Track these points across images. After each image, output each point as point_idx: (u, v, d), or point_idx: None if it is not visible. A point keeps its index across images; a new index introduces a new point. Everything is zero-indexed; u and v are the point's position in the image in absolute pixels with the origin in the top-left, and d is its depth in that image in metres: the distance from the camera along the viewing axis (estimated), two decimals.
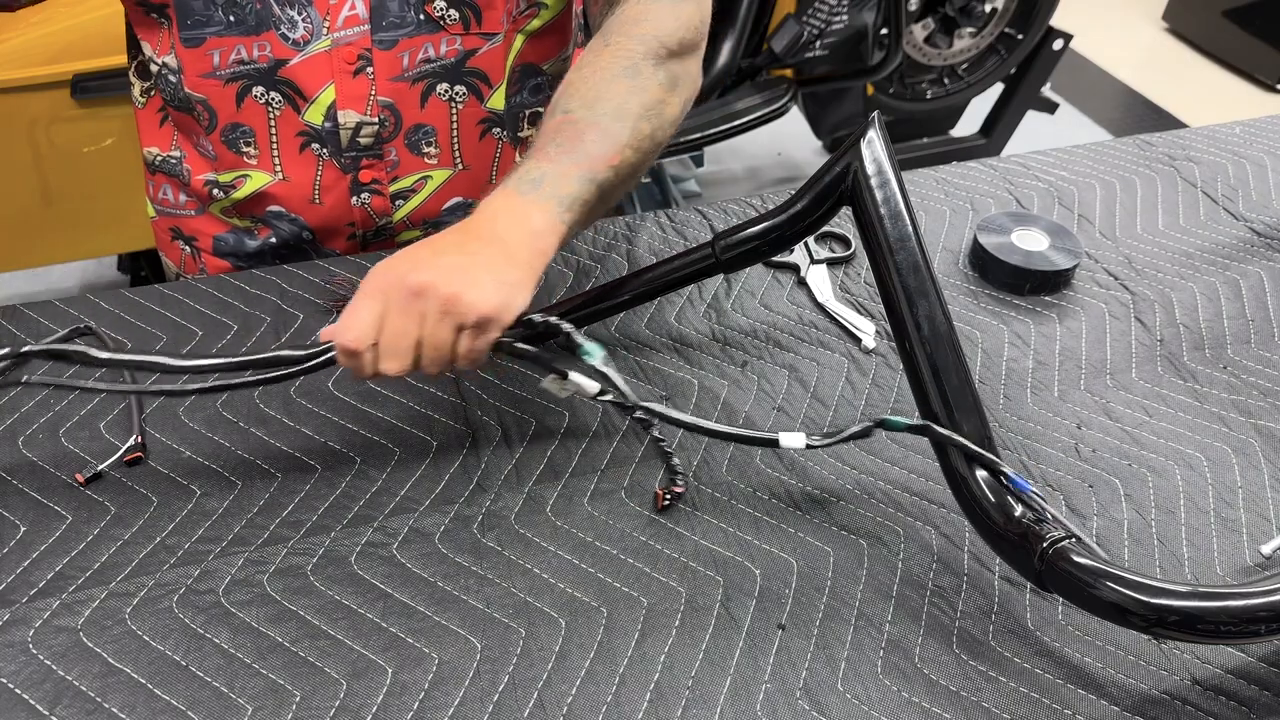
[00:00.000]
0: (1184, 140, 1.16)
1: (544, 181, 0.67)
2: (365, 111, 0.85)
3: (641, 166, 0.74)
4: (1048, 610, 0.63)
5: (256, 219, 0.93)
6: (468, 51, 0.86)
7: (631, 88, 0.73)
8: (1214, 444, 0.76)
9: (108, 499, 0.68)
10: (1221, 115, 1.50)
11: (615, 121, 0.71)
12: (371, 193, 0.90)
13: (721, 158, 2.66)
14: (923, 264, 0.65)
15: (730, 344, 0.84)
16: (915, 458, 0.74)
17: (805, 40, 1.99)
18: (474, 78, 0.88)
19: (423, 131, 0.89)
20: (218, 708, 0.56)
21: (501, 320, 0.63)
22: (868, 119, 0.68)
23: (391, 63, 0.84)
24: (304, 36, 0.81)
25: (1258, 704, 0.59)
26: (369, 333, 0.62)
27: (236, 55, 0.82)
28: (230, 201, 0.91)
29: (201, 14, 0.79)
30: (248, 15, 0.79)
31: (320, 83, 0.83)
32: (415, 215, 0.94)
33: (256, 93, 0.84)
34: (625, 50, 0.75)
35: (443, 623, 0.61)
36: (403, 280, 0.62)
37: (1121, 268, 0.95)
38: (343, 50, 0.82)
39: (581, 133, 0.70)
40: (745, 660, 0.60)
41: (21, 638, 0.59)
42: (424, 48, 0.84)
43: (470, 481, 0.70)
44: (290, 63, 0.82)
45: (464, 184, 0.94)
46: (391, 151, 0.89)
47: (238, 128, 0.86)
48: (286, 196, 0.90)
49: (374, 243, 0.95)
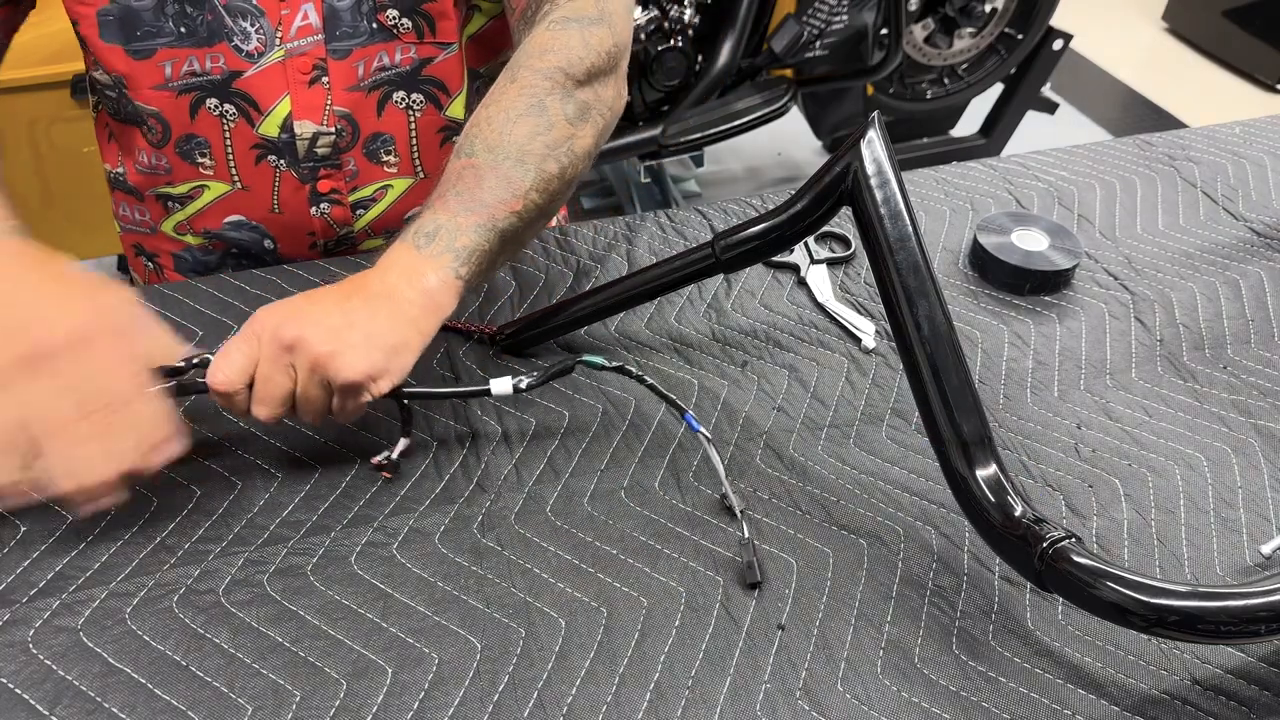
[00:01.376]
0: (1184, 140, 1.16)
1: (439, 234, 0.67)
2: (322, 122, 0.84)
3: (551, 206, 0.73)
4: (1048, 610, 0.64)
5: (211, 234, 0.91)
6: (423, 60, 0.85)
7: (536, 126, 0.72)
8: (1214, 444, 0.76)
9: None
10: (1221, 115, 1.50)
11: (517, 166, 0.70)
12: (331, 202, 0.90)
13: (721, 158, 2.66)
14: (923, 264, 0.65)
15: (730, 344, 0.84)
16: (915, 458, 0.74)
17: (805, 40, 1.99)
18: (431, 86, 0.87)
19: (381, 140, 0.88)
20: (218, 708, 0.56)
21: (372, 388, 0.63)
22: (868, 119, 0.68)
23: (347, 72, 0.83)
24: (257, 48, 0.80)
25: (1258, 704, 0.59)
26: (239, 377, 0.62)
27: (189, 66, 0.81)
28: (186, 215, 0.90)
29: (151, 25, 0.78)
30: (199, 26, 0.78)
31: (276, 94, 0.83)
32: (377, 224, 0.93)
33: (210, 104, 0.83)
34: (530, 86, 0.73)
35: (443, 623, 0.61)
36: (276, 331, 0.61)
37: (1121, 268, 0.95)
38: (297, 61, 0.81)
39: (481, 179, 0.69)
40: (745, 660, 0.60)
41: (21, 637, 0.59)
42: (379, 56, 0.83)
43: (470, 481, 0.70)
44: (245, 74, 0.81)
45: (425, 192, 0.93)
46: (350, 161, 0.88)
47: (192, 139, 0.85)
48: (247, 206, 0.89)
49: (337, 251, 0.95)
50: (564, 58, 0.75)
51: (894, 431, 0.76)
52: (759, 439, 0.75)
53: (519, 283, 0.89)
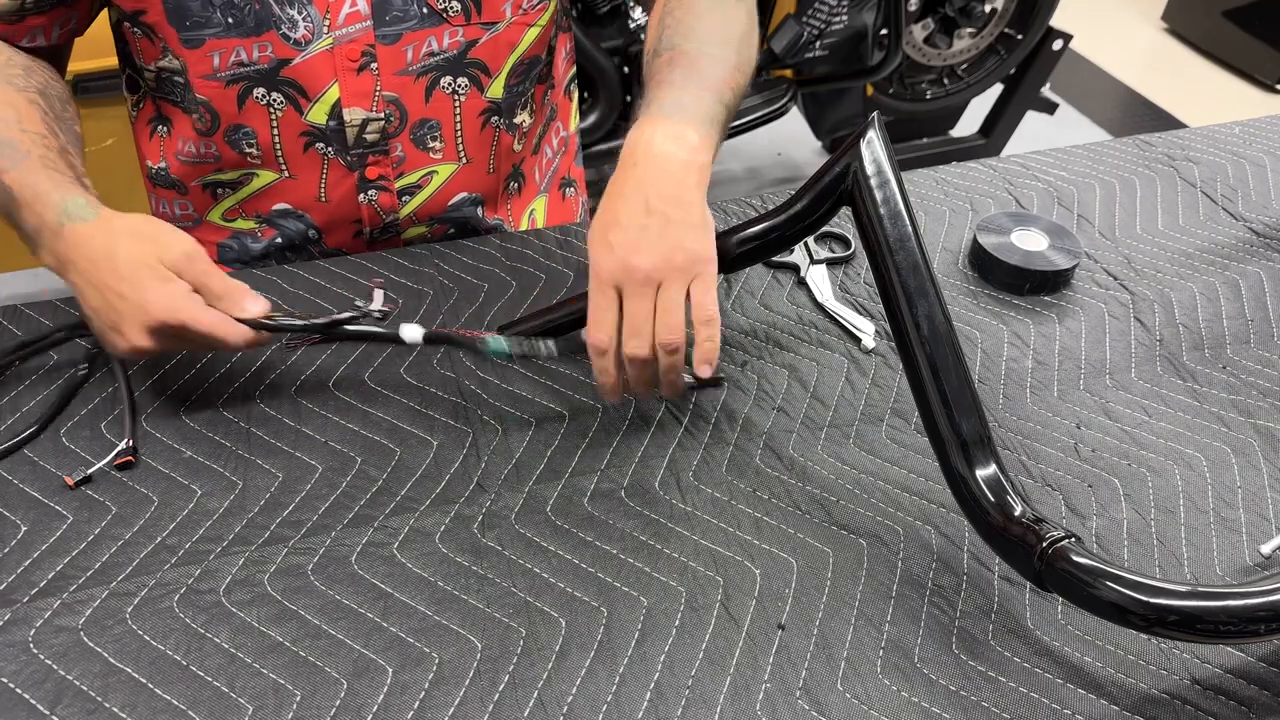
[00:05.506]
0: (1183, 140, 1.16)
1: (684, 104, 0.70)
2: (371, 108, 0.85)
3: (747, 91, 0.78)
4: (1047, 610, 0.64)
5: (262, 218, 0.92)
6: (469, 42, 0.86)
7: (724, 20, 0.78)
8: (1213, 444, 0.76)
9: (108, 499, 0.68)
10: (1221, 115, 1.50)
11: (721, 49, 0.76)
12: (378, 189, 0.90)
13: (721, 158, 2.64)
14: (922, 264, 0.65)
15: (730, 344, 0.84)
16: (915, 458, 0.74)
17: (805, 40, 1.99)
18: (475, 69, 0.88)
19: (428, 126, 0.89)
20: (218, 707, 0.56)
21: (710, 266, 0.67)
22: (867, 119, 0.68)
23: (396, 57, 0.84)
24: (305, 36, 0.81)
25: (1258, 704, 0.59)
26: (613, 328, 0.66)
27: (236, 57, 0.81)
28: (235, 200, 0.91)
29: (199, 15, 0.79)
30: (246, 16, 0.79)
31: (324, 82, 0.83)
32: (421, 211, 0.94)
33: (257, 94, 0.83)
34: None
35: (443, 622, 0.61)
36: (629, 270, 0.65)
37: (1121, 268, 0.95)
38: (345, 48, 0.82)
39: (695, 62, 0.74)
40: (745, 660, 0.60)
41: (22, 637, 0.59)
42: (427, 41, 0.84)
43: (470, 481, 0.70)
44: (293, 62, 0.82)
45: (467, 177, 0.94)
46: (398, 147, 0.89)
47: (240, 129, 0.86)
48: (293, 194, 0.90)
49: (380, 241, 0.95)
50: None
51: (894, 431, 0.76)
52: (759, 439, 0.75)
53: (519, 283, 0.89)
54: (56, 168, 0.70)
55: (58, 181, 0.68)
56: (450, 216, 0.96)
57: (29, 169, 0.69)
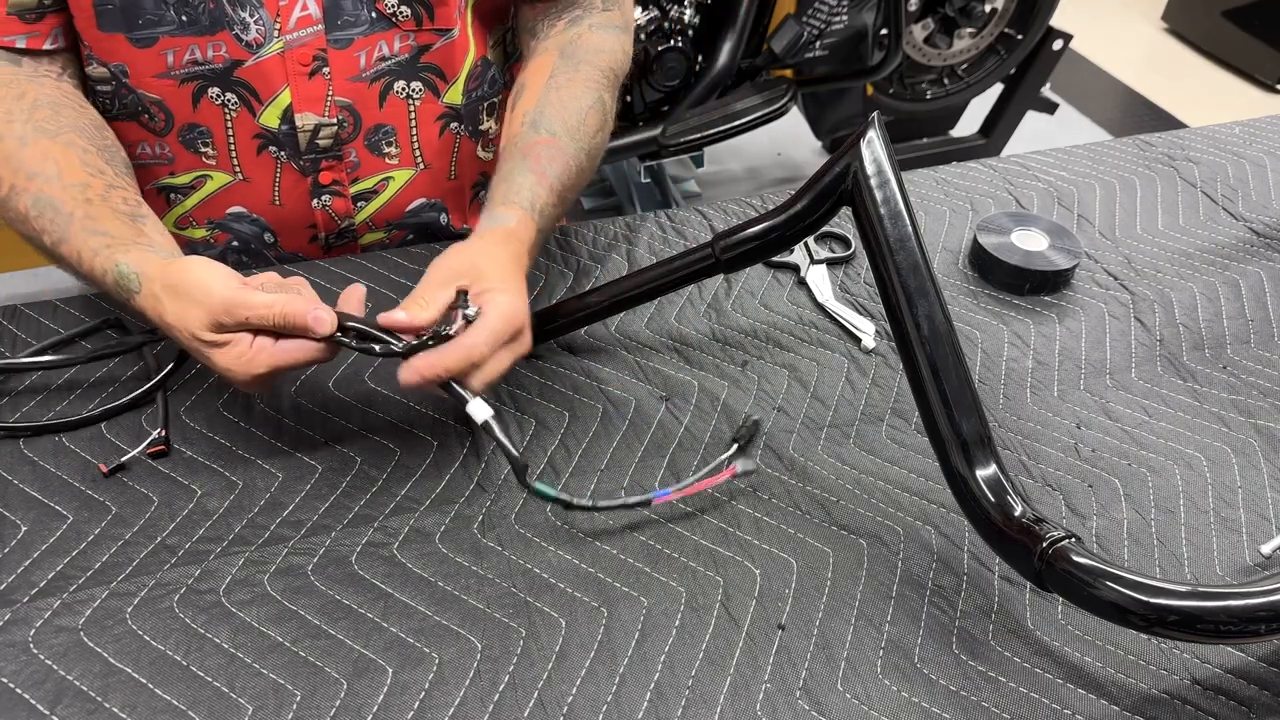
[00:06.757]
0: (1184, 140, 1.16)
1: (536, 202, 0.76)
2: (323, 113, 0.84)
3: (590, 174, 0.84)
4: (1048, 610, 0.64)
5: (215, 224, 0.91)
6: (421, 47, 0.86)
7: (599, 124, 0.84)
8: (1213, 444, 0.76)
9: (108, 499, 0.68)
10: (1221, 115, 1.50)
11: (584, 155, 0.81)
12: (332, 194, 0.90)
13: (721, 158, 2.66)
14: (922, 264, 0.65)
15: (730, 344, 0.84)
16: (915, 458, 0.74)
17: (805, 40, 1.99)
18: (429, 73, 0.87)
19: (383, 131, 0.88)
20: (218, 707, 0.56)
21: None
22: (867, 119, 0.68)
23: (348, 62, 0.83)
24: (257, 39, 0.80)
25: (1258, 704, 0.59)
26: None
27: (190, 55, 0.80)
28: (188, 207, 0.90)
29: (153, 14, 0.78)
30: (200, 15, 0.78)
31: (275, 85, 0.83)
32: (378, 217, 0.93)
33: (212, 93, 0.83)
34: (595, 82, 0.85)
35: (443, 622, 0.61)
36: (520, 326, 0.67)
37: (1121, 268, 0.95)
38: (296, 52, 0.81)
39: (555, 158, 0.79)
40: (745, 660, 0.60)
41: (22, 637, 0.59)
42: (379, 45, 0.84)
43: (470, 481, 0.70)
44: (245, 64, 0.81)
45: (426, 183, 0.94)
46: (351, 153, 0.88)
47: (195, 128, 0.85)
48: (248, 197, 0.89)
49: (337, 246, 0.95)
50: (611, 59, 0.87)
51: (894, 431, 0.76)
52: (759, 439, 0.75)
53: None
54: (97, 226, 0.69)
55: (98, 247, 0.68)
56: (408, 222, 0.95)
57: (74, 234, 0.69)
